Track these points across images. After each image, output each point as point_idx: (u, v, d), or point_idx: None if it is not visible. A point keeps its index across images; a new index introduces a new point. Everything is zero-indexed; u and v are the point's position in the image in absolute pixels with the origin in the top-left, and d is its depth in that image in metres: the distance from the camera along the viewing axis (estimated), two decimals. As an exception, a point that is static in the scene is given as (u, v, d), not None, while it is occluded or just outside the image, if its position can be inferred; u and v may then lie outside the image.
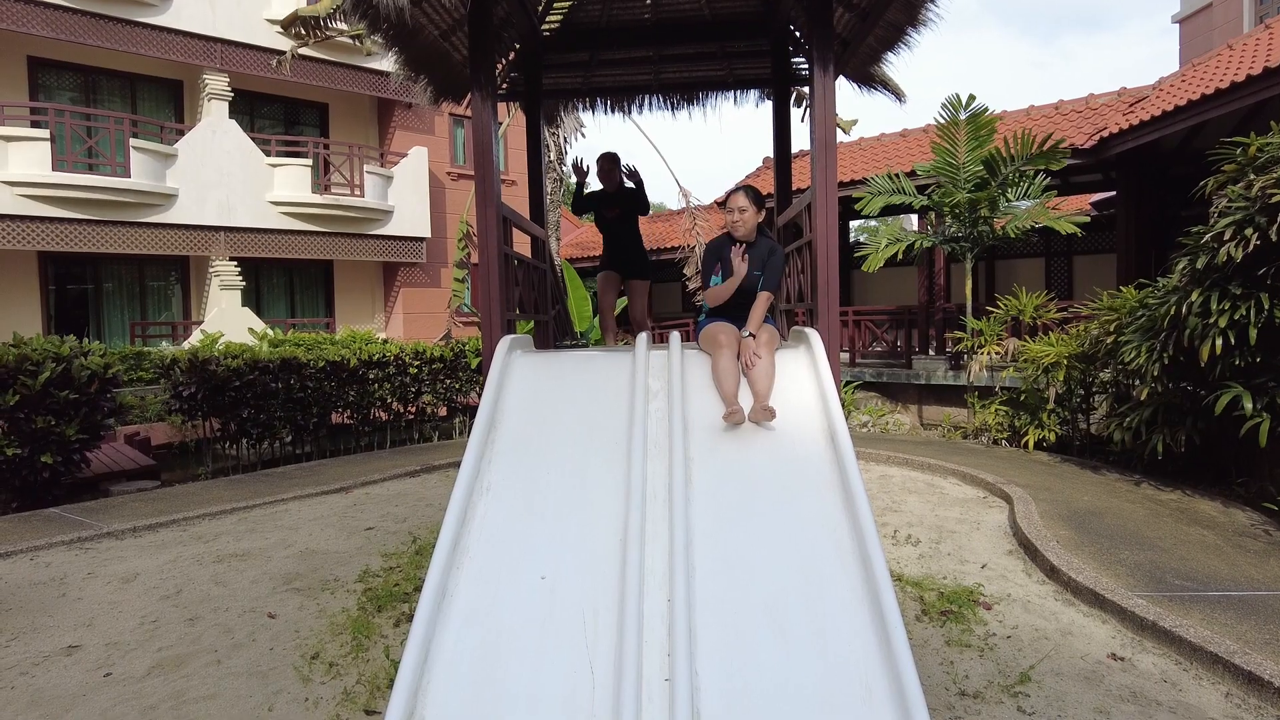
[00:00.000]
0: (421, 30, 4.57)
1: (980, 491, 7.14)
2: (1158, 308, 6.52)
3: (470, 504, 2.93)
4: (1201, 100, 8.45)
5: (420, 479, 8.12)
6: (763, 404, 3.22)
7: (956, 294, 14.25)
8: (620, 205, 5.74)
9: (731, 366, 3.42)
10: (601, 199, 5.77)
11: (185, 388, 8.32)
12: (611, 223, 5.80)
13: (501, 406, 3.34)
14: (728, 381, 3.37)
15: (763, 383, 3.33)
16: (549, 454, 3.12)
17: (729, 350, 3.49)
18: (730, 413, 3.21)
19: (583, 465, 3.06)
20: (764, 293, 3.79)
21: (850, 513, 2.83)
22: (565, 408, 3.36)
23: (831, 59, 3.78)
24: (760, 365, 3.39)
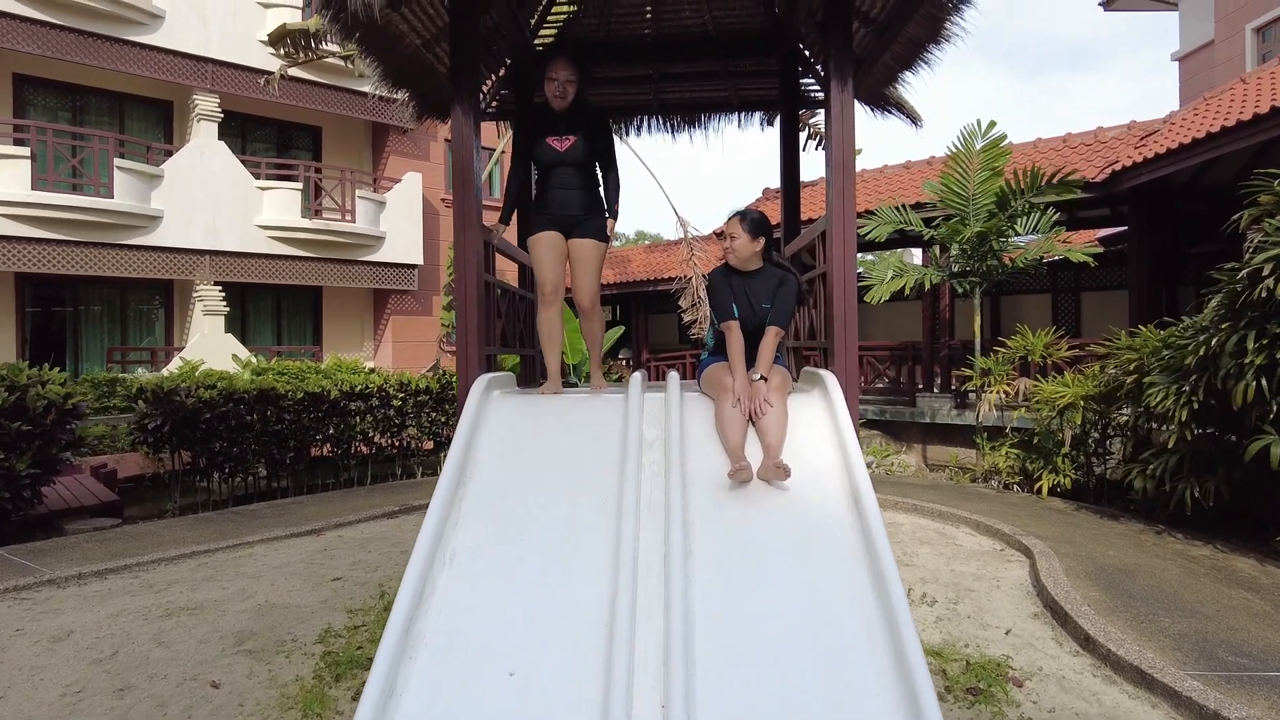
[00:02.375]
0: (402, 39, 4.20)
1: (996, 543, 6.67)
2: (1186, 348, 6.12)
3: (430, 576, 2.49)
4: (1222, 133, 8.15)
5: (398, 521, 7.63)
6: (775, 459, 2.79)
7: (961, 329, 13.90)
8: (577, 130, 3.88)
9: (738, 414, 2.99)
10: (545, 122, 3.92)
11: (150, 419, 7.84)
12: (560, 160, 3.87)
13: (473, 457, 2.90)
14: (733, 433, 2.93)
15: (774, 434, 2.90)
16: (525, 516, 2.68)
17: (734, 395, 3.06)
18: (736, 469, 2.77)
19: (565, 530, 2.61)
20: (773, 328, 3.36)
21: (879, 590, 2.40)
22: (547, 459, 2.92)
23: (850, 72, 3.41)
24: (771, 413, 2.96)
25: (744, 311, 3.43)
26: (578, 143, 3.89)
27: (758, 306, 3.44)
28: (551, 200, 3.94)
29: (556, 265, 3.90)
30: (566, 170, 3.91)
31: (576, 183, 3.93)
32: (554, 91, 3.87)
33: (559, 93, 3.86)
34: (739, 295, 3.47)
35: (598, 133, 3.96)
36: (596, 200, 4.02)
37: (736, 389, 3.08)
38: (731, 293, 3.48)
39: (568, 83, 3.87)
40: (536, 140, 3.93)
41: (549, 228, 3.94)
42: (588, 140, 3.91)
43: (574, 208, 3.92)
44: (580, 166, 3.93)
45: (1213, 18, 16.70)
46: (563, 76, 3.85)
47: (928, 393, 12.38)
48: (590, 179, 3.99)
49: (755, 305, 3.45)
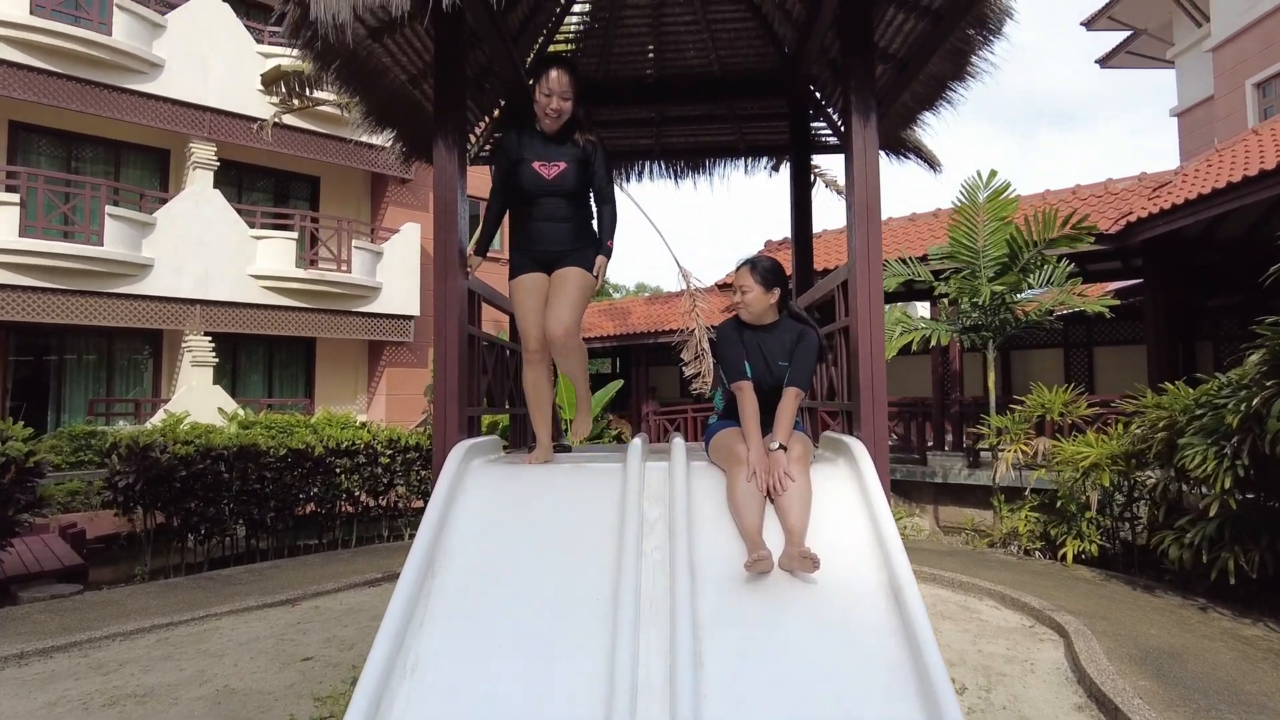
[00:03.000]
0: (385, 73, 3.90)
1: (1025, 618, 6.17)
2: (1224, 406, 5.72)
3: (386, 690, 2.04)
4: (1244, 183, 7.90)
5: (380, 590, 7.12)
6: (800, 547, 2.37)
7: (971, 385, 13.50)
8: (568, 155, 3.34)
9: (754, 491, 2.58)
10: (529, 141, 3.36)
11: (122, 477, 7.39)
12: (546, 190, 3.33)
13: (445, 543, 2.48)
14: (749, 513, 2.51)
15: (798, 514, 2.48)
16: (505, 617, 2.25)
17: (749, 468, 2.65)
18: (755, 559, 2.34)
19: (550, 636, 2.18)
20: (792, 389, 2.95)
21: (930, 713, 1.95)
22: (531, 546, 2.50)
23: (872, 106, 3.09)
24: (794, 490, 2.55)
25: (758, 370, 3.04)
26: (568, 170, 3.31)
27: (774, 365, 3.05)
28: (534, 234, 3.37)
29: (537, 314, 3.31)
30: (553, 200, 3.33)
31: (564, 213, 3.35)
32: (546, 109, 3.26)
33: (552, 111, 3.26)
34: (752, 352, 3.08)
35: (593, 159, 3.37)
36: (587, 231, 3.44)
37: (751, 461, 2.67)
38: (744, 349, 3.09)
39: (563, 100, 3.26)
40: (519, 163, 3.34)
41: (531, 268, 3.36)
42: (580, 167, 3.34)
43: (560, 241, 3.34)
44: (570, 197, 3.36)
45: (1211, 74, 16.74)
46: (558, 91, 3.24)
47: (939, 451, 11.93)
48: (580, 209, 3.43)
49: (771, 363, 3.05)
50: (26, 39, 11.93)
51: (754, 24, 4.90)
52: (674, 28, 4.96)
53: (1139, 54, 20.27)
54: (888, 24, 3.79)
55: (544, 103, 3.26)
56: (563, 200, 3.34)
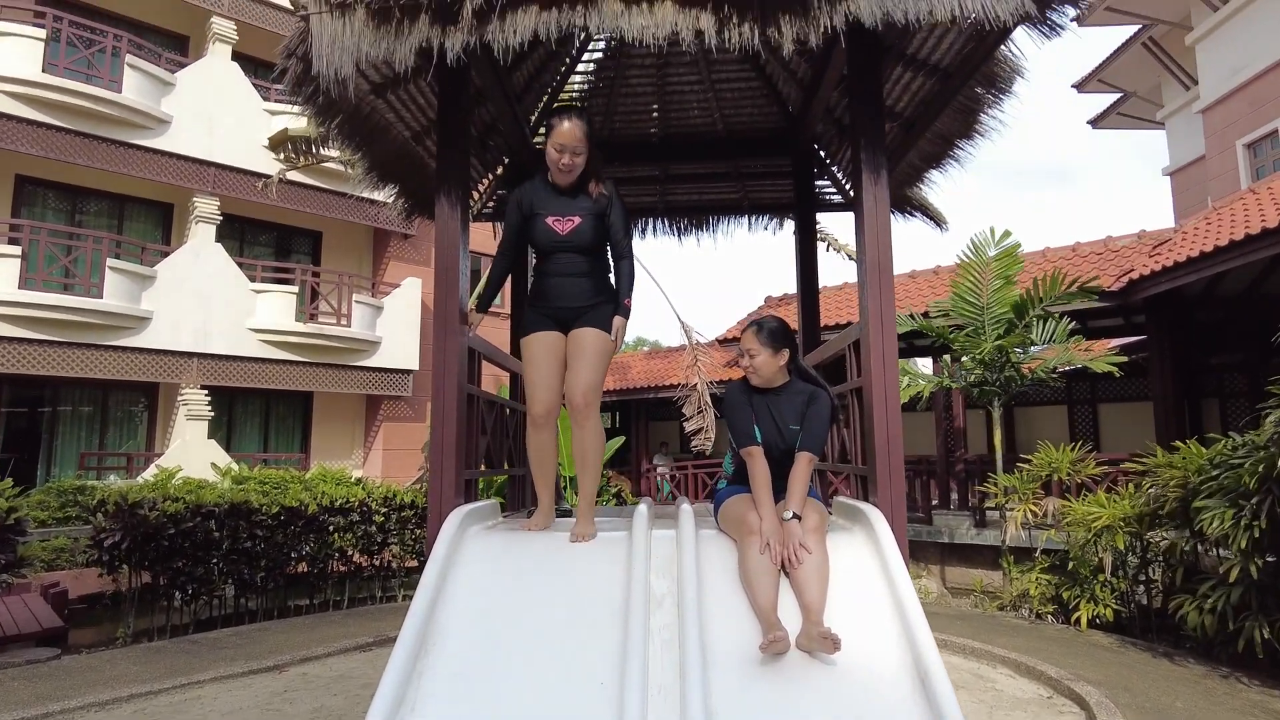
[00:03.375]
0: (388, 130, 3.88)
1: (1042, 688, 5.92)
2: (1241, 466, 5.58)
3: (372, 787, 1.86)
4: (1246, 240, 7.90)
5: (372, 655, 6.86)
6: (819, 626, 2.21)
7: (975, 442, 13.35)
8: (583, 209, 3.19)
9: (767, 565, 2.43)
10: (542, 197, 3.22)
11: (109, 535, 7.18)
12: (560, 245, 3.19)
13: (440, 618, 2.33)
14: (763, 589, 2.36)
15: (815, 590, 2.34)
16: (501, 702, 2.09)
17: (761, 539, 2.51)
18: (770, 640, 2.18)
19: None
20: (805, 454, 2.81)
21: (964, 814, 1.77)
22: (530, 623, 2.34)
23: (883, 163, 3.04)
24: (810, 563, 2.41)
25: (769, 434, 2.91)
26: (583, 225, 3.15)
27: (785, 429, 2.91)
28: (549, 290, 3.20)
29: (553, 378, 3.13)
30: (568, 256, 3.17)
31: (580, 268, 3.18)
32: (559, 164, 3.10)
33: (565, 166, 3.10)
34: (762, 416, 2.95)
35: (609, 212, 3.19)
36: (605, 286, 3.26)
37: (765, 531, 2.53)
38: (753, 412, 2.96)
39: (575, 155, 3.08)
40: (532, 218, 3.20)
41: (546, 326, 3.18)
42: (596, 221, 3.17)
43: (577, 297, 3.16)
44: (585, 252, 3.19)
45: (1201, 134, 17.01)
46: (570, 146, 3.06)
47: (944, 510, 11.71)
48: (598, 263, 3.24)
49: (783, 427, 2.92)
50: (37, 95, 12.10)
51: (758, 84, 4.92)
52: (678, 87, 4.98)
53: (1130, 115, 20.64)
54: (895, 82, 3.79)
55: (555, 157, 3.11)
56: (578, 255, 3.18)
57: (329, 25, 2.77)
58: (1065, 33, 2.85)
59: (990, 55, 3.22)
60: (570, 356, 3.14)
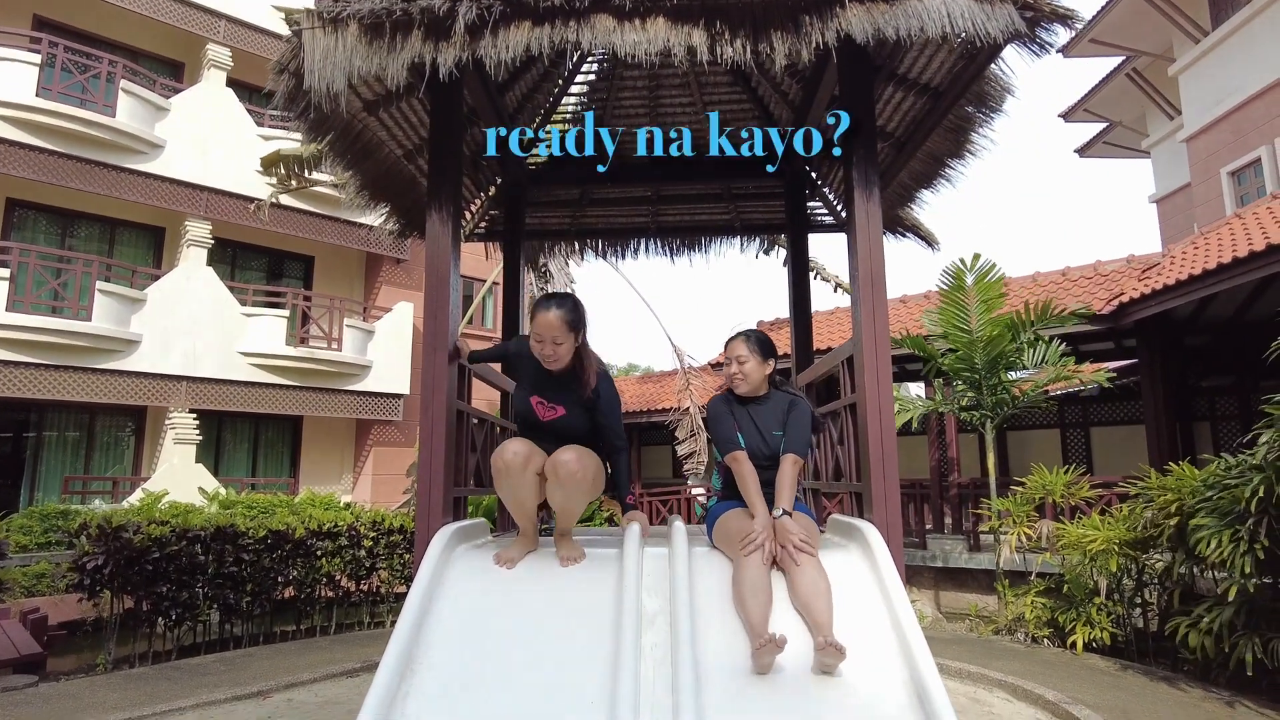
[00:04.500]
0: (380, 147, 3.87)
1: (1040, 712, 5.84)
2: (1236, 488, 5.56)
3: (354, 811, 1.80)
4: (1234, 263, 7.97)
5: (359, 681, 6.72)
6: (829, 637, 2.16)
7: (968, 466, 13.34)
8: (569, 401, 3.04)
9: (762, 582, 2.39)
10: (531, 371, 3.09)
11: (91, 559, 7.05)
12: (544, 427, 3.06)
13: (426, 637, 2.27)
14: (756, 602, 2.33)
15: (822, 605, 2.30)
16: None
17: (759, 553, 2.47)
18: (760, 646, 2.14)
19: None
20: (791, 456, 2.86)
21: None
22: (520, 641, 2.29)
23: (875, 180, 3.04)
24: (810, 580, 2.36)
25: (753, 442, 2.96)
26: (566, 417, 3.03)
27: (768, 435, 2.97)
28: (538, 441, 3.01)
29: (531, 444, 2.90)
30: (550, 439, 2.97)
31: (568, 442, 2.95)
32: (540, 353, 2.94)
33: (547, 356, 2.94)
34: (745, 425, 3.01)
35: (597, 407, 3.04)
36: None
37: (757, 526, 2.57)
38: (735, 422, 3.02)
39: (556, 343, 2.91)
40: (520, 384, 3.11)
41: None
42: (583, 413, 3.04)
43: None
44: (571, 439, 2.98)
45: (1186, 163, 17.25)
46: (550, 335, 2.90)
47: (938, 534, 11.66)
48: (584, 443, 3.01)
49: (766, 433, 2.97)
50: (30, 119, 12.11)
51: (750, 105, 4.95)
52: (670, 108, 5.01)
53: (1115, 144, 20.94)
54: (886, 102, 3.81)
55: (537, 349, 2.96)
56: (562, 441, 2.95)
57: (321, 40, 2.77)
58: (1053, 62, 2.88)
59: (981, 74, 3.25)
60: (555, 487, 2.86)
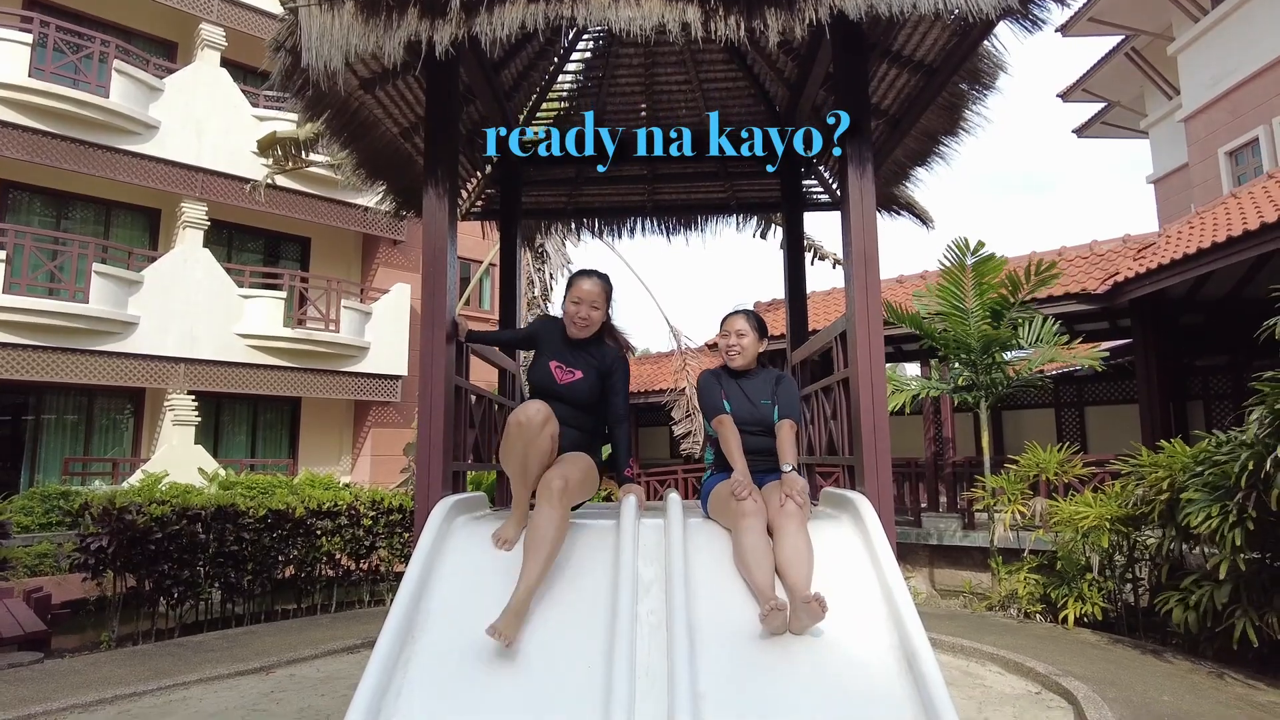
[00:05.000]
0: (377, 125, 3.89)
1: (1030, 684, 5.94)
2: (1225, 464, 5.63)
3: (359, 769, 1.86)
4: (1228, 242, 8.01)
5: (359, 657, 6.81)
6: (805, 594, 2.24)
7: (963, 445, 13.43)
8: (589, 366, 3.19)
9: (763, 547, 2.46)
10: (554, 341, 3.24)
11: (94, 539, 7.12)
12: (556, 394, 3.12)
13: (426, 606, 2.33)
14: (759, 566, 2.41)
15: (801, 568, 2.36)
16: (487, 688, 2.09)
17: (756, 519, 2.53)
18: (770, 609, 2.21)
19: (537, 708, 2.01)
20: (786, 421, 3.04)
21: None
22: (518, 608, 2.33)
23: (869, 157, 3.07)
24: (794, 545, 2.43)
25: (743, 410, 3.12)
26: (582, 380, 3.14)
27: (757, 404, 3.12)
28: None
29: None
30: (562, 405, 3.05)
31: (574, 419, 3.11)
32: (574, 317, 3.13)
33: (580, 320, 3.13)
34: (734, 396, 3.17)
35: (613, 375, 3.20)
36: (593, 445, 3.24)
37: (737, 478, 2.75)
38: (724, 391, 3.19)
39: (592, 308, 3.13)
40: (539, 356, 3.20)
41: None
42: (598, 380, 3.17)
43: (568, 441, 3.04)
44: (583, 406, 3.16)
45: (1184, 143, 17.23)
46: (588, 300, 3.12)
47: (932, 512, 11.76)
48: (589, 421, 3.21)
49: (755, 402, 3.13)
50: (23, 100, 12.04)
51: (745, 83, 4.96)
52: (666, 86, 5.01)
53: (1113, 124, 20.88)
54: (880, 79, 3.82)
55: (572, 311, 3.15)
56: (571, 409, 3.12)
57: (318, 18, 2.78)
58: (1049, 41, 2.90)
59: (974, 50, 3.26)
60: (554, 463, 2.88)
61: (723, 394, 3.16)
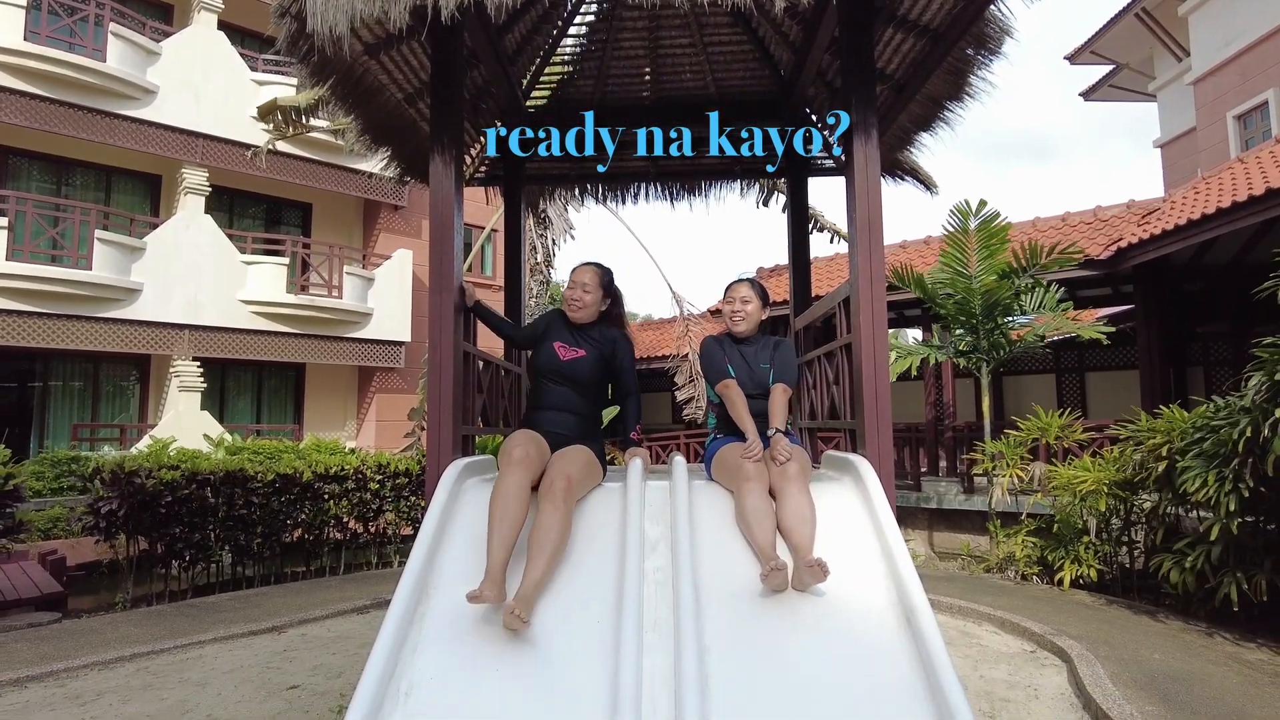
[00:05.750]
0: (381, 91, 3.88)
1: (1026, 643, 6.08)
2: (1226, 429, 5.69)
3: (379, 718, 1.94)
4: (1233, 208, 7.97)
5: (368, 617, 6.97)
6: (808, 557, 2.31)
7: (963, 411, 13.51)
8: (591, 345, 3.26)
9: (765, 507, 2.53)
10: (558, 326, 3.33)
11: (105, 502, 7.23)
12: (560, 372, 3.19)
13: (439, 564, 2.40)
14: (762, 526, 2.47)
15: (804, 531, 2.42)
16: (501, 638, 2.16)
17: (758, 482, 2.60)
18: (770, 569, 2.29)
19: (549, 661, 2.09)
20: (780, 385, 3.13)
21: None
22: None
23: (874, 121, 3.07)
24: (796, 506, 2.49)
25: (743, 374, 3.22)
26: (586, 359, 3.21)
27: (756, 368, 3.23)
28: (537, 420, 3.15)
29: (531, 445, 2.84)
30: (566, 387, 3.17)
31: (575, 404, 3.17)
32: (570, 299, 3.29)
33: (574, 301, 3.27)
34: (735, 360, 3.28)
35: (616, 353, 3.28)
36: (593, 430, 3.26)
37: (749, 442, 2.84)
38: (726, 356, 3.29)
39: (584, 291, 3.28)
40: (543, 340, 3.28)
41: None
42: (599, 360, 3.24)
43: (566, 428, 3.11)
44: (582, 387, 3.20)
45: (1192, 106, 17.03)
46: (580, 283, 3.29)
47: (932, 476, 11.87)
48: (593, 403, 3.26)
49: (754, 367, 3.23)
50: (19, 64, 11.93)
51: (750, 47, 4.92)
52: (670, 51, 4.97)
53: (1121, 87, 20.61)
54: (886, 44, 3.81)
55: (568, 294, 3.33)
56: (573, 389, 3.19)
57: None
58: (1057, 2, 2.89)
59: (980, 14, 3.25)
60: (553, 461, 2.89)
61: (726, 359, 3.26)
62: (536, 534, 2.46)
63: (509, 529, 2.46)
